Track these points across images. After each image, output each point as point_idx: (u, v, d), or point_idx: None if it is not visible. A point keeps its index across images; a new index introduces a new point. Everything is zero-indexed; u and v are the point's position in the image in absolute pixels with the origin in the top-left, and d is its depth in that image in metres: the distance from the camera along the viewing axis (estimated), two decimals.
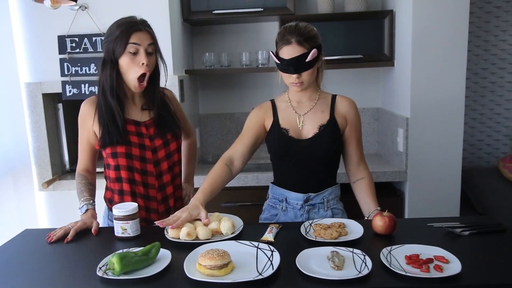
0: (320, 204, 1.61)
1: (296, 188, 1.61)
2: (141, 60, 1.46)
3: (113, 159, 1.52)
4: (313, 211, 1.61)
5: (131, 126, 1.54)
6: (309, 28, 1.52)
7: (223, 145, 2.96)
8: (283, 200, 1.64)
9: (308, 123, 1.60)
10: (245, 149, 1.64)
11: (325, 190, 1.61)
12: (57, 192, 2.46)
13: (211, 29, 2.83)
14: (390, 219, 1.34)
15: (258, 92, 2.90)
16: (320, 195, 1.61)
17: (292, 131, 1.59)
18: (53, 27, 2.29)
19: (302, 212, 1.61)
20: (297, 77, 1.53)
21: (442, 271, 1.08)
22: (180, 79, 2.36)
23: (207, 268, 1.10)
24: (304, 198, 1.60)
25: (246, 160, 1.65)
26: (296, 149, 1.58)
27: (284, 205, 1.63)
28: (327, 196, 1.61)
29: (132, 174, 1.54)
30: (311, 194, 1.60)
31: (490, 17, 3.05)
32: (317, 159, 1.58)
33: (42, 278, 1.18)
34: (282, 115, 1.63)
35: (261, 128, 1.65)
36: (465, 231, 1.35)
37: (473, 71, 3.10)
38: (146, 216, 1.58)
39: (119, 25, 1.48)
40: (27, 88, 2.35)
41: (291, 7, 2.49)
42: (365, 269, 1.10)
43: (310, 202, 1.60)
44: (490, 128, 3.20)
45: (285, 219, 1.63)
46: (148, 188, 1.57)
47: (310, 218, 1.59)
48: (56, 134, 2.49)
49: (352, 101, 1.67)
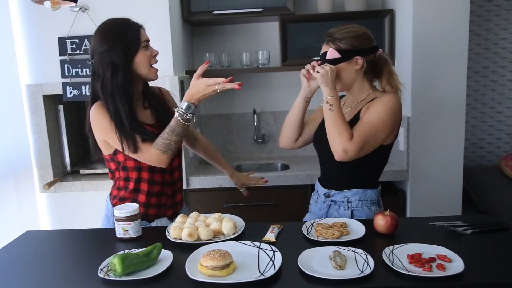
0: (341, 202, 1.60)
1: (323, 182, 1.68)
2: (153, 52, 1.53)
3: (135, 161, 1.52)
4: (334, 207, 1.62)
5: (148, 127, 1.55)
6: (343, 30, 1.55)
7: (224, 145, 2.96)
8: (317, 191, 1.72)
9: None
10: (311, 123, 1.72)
11: (348, 190, 1.58)
12: (58, 194, 2.46)
13: (211, 29, 2.83)
14: (392, 219, 1.34)
15: (258, 92, 2.90)
16: (341, 194, 1.60)
17: None
18: (53, 29, 2.30)
19: (324, 205, 1.64)
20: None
21: (444, 270, 1.08)
22: (181, 80, 2.36)
23: (209, 268, 1.10)
24: (325, 193, 1.64)
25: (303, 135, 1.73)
26: (324, 145, 1.60)
27: (316, 196, 1.71)
28: (350, 197, 1.58)
29: (153, 175, 1.56)
30: (332, 190, 1.62)
31: (491, 15, 3.04)
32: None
33: (44, 279, 1.18)
34: None
35: (321, 114, 1.66)
36: (468, 230, 1.34)
37: (474, 70, 3.10)
38: (157, 212, 1.60)
39: (119, 28, 1.48)
40: (28, 90, 2.35)
41: (291, 7, 2.49)
42: (368, 268, 1.10)
43: (331, 198, 1.62)
44: (491, 126, 3.19)
45: (314, 209, 1.71)
46: (164, 185, 1.60)
47: (330, 213, 1.62)
48: (57, 135, 2.49)
49: (385, 97, 1.52)
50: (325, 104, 1.48)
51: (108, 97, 1.47)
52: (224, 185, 2.40)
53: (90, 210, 2.42)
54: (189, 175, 2.42)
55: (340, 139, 1.42)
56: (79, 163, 2.64)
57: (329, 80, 1.48)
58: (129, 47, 1.47)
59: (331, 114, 1.46)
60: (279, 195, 2.41)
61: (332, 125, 1.45)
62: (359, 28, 1.55)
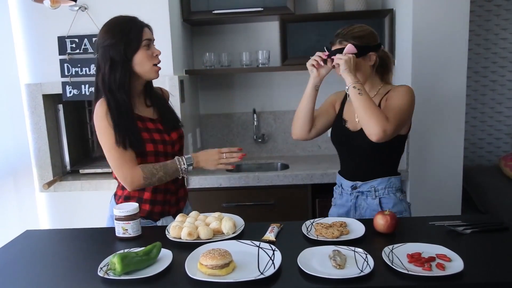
0: (368, 192, 1.67)
1: (347, 176, 1.73)
2: (155, 51, 1.54)
3: (142, 158, 1.52)
4: (361, 198, 1.69)
5: (150, 124, 1.57)
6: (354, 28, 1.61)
7: (224, 145, 2.96)
8: (340, 185, 1.77)
9: None
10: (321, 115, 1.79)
11: (374, 180, 1.66)
12: (58, 193, 2.46)
13: (211, 29, 2.83)
14: (391, 218, 1.34)
15: (258, 91, 2.90)
16: (368, 184, 1.66)
17: (349, 123, 1.70)
18: (53, 28, 2.29)
19: (351, 197, 1.70)
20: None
21: (444, 270, 1.08)
22: (180, 79, 2.36)
23: (209, 267, 1.10)
24: (352, 185, 1.69)
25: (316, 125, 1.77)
26: (348, 140, 1.69)
27: (340, 190, 1.76)
28: (376, 186, 1.66)
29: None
30: (359, 182, 1.68)
31: (491, 15, 3.04)
32: (363, 151, 1.65)
33: (43, 278, 1.18)
34: (347, 106, 1.74)
35: (332, 107, 1.81)
36: (467, 230, 1.34)
37: (474, 70, 3.10)
38: (162, 209, 1.61)
39: (124, 25, 1.50)
40: (27, 89, 2.35)
41: (291, 7, 2.49)
42: (367, 267, 1.10)
43: (358, 190, 1.68)
44: (491, 126, 3.20)
45: (340, 202, 1.76)
46: (169, 182, 1.60)
47: (358, 204, 1.69)
48: (56, 135, 2.49)
49: (402, 87, 1.62)
50: (352, 90, 1.51)
51: (106, 92, 1.49)
52: (223, 184, 2.40)
53: (89, 210, 2.42)
54: (189, 175, 2.42)
55: (378, 120, 1.46)
56: (78, 163, 2.64)
57: (352, 67, 1.54)
58: (129, 44, 1.48)
59: (362, 97, 1.49)
60: (279, 194, 2.41)
61: (366, 107, 1.48)
62: (367, 27, 1.63)
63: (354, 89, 1.51)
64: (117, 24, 1.51)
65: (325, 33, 2.55)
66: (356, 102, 1.51)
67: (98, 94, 1.54)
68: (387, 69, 1.69)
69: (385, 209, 1.61)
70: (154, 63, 1.53)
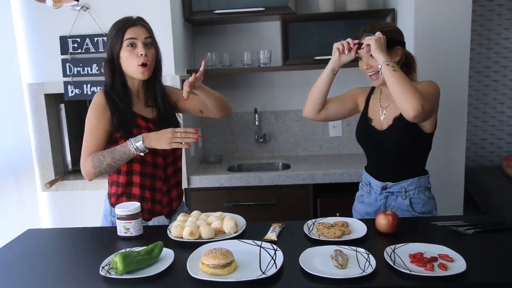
0: (398, 193, 1.66)
1: (376, 175, 1.71)
2: (139, 51, 1.52)
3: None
4: (391, 198, 1.67)
5: (141, 121, 1.58)
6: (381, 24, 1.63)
7: (226, 145, 2.96)
8: (368, 184, 1.74)
9: (388, 115, 1.65)
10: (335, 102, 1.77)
11: (405, 181, 1.64)
12: (59, 193, 2.46)
13: (213, 29, 2.83)
14: (393, 218, 1.34)
15: (260, 91, 2.90)
16: (398, 185, 1.65)
17: (375, 122, 1.69)
18: (55, 28, 2.29)
19: (381, 197, 1.69)
20: (366, 65, 1.60)
21: (446, 270, 1.08)
22: (182, 79, 2.36)
23: (210, 267, 1.10)
24: (382, 186, 1.68)
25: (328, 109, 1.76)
26: (374, 139, 1.68)
27: (368, 188, 1.74)
28: (406, 186, 1.64)
29: (144, 168, 1.57)
30: (389, 183, 1.66)
31: (493, 15, 3.04)
32: (391, 151, 1.64)
33: (45, 277, 1.18)
34: (372, 104, 1.73)
35: (352, 99, 1.78)
36: (469, 230, 1.34)
37: (476, 70, 3.09)
38: (152, 207, 1.61)
39: (116, 24, 1.56)
40: (29, 89, 2.36)
41: (293, 6, 2.49)
42: (369, 267, 1.10)
43: (388, 190, 1.67)
44: (493, 126, 3.19)
45: (368, 201, 1.74)
46: (156, 179, 1.60)
47: (388, 204, 1.68)
48: (58, 134, 2.49)
49: (429, 81, 1.62)
50: (386, 67, 1.48)
51: (108, 88, 1.57)
52: (225, 184, 2.40)
53: (91, 209, 2.42)
54: (190, 174, 2.42)
55: (415, 95, 1.42)
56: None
57: (382, 45, 1.52)
58: (114, 43, 1.53)
59: (397, 74, 1.47)
60: (280, 194, 2.41)
61: (402, 83, 1.45)
62: (393, 24, 1.64)
63: (388, 67, 1.47)
64: (116, 21, 1.57)
65: (327, 33, 2.55)
66: (391, 79, 1.47)
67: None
68: (411, 68, 1.67)
69: (415, 209, 1.63)
70: (139, 63, 1.53)
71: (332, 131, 2.89)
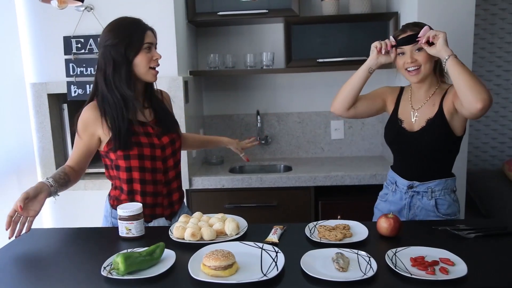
0: (424, 193, 1.66)
1: (403, 174, 1.71)
2: (155, 56, 1.54)
3: (125, 161, 1.53)
4: (416, 197, 1.68)
5: (139, 127, 1.56)
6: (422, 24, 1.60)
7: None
8: (394, 182, 1.74)
9: (420, 116, 1.65)
10: (365, 100, 1.76)
11: (431, 181, 1.64)
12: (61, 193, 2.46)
13: (216, 30, 2.84)
14: (395, 221, 1.34)
15: (262, 93, 2.90)
16: (425, 185, 1.65)
17: (406, 123, 1.68)
18: (58, 28, 2.31)
19: (406, 196, 1.69)
20: (411, 59, 1.58)
21: (448, 274, 1.08)
22: (185, 80, 2.37)
23: (212, 268, 1.10)
24: (409, 184, 1.68)
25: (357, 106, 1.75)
26: (404, 140, 1.68)
27: (394, 187, 1.74)
28: (432, 187, 1.65)
29: (144, 174, 1.56)
30: (416, 182, 1.67)
31: (496, 19, 3.04)
32: (421, 153, 1.64)
33: (47, 277, 1.18)
34: (402, 105, 1.73)
35: (381, 99, 1.78)
36: (471, 234, 1.34)
37: (478, 74, 3.09)
38: (152, 212, 1.60)
39: (127, 27, 1.51)
40: (33, 89, 2.36)
41: (296, 9, 2.49)
42: (370, 271, 1.10)
43: (414, 189, 1.67)
44: (495, 130, 3.18)
45: (393, 199, 1.74)
46: (157, 184, 1.59)
47: (413, 203, 1.68)
48: (60, 134, 2.50)
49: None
50: (454, 59, 1.46)
51: (110, 90, 1.51)
52: (226, 185, 2.40)
53: (93, 209, 2.42)
54: (192, 176, 2.43)
55: (483, 88, 1.42)
56: None
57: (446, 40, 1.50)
58: (131, 47, 1.49)
59: (465, 67, 1.46)
60: (282, 196, 2.41)
61: (471, 75, 1.44)
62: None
63: (455, 59, 1.47)
64: (120, 25, 1.52)
65: (330, 35, 2.55)
66: (460, 71, 1.45)
67: (96, 91, 1.56)
68: (442, 71, 1.66)
69: (440, 210, 1.64)
70: (151, 66, 1.54)
71: (334, 133, 2.89)
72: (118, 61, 1.49)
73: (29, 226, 1.39)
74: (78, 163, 1.57)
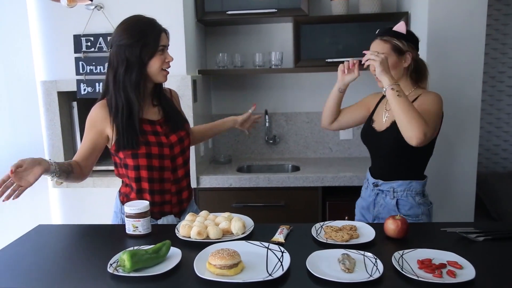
0: (388, 192, 1.69)
1: (371, 172, 1.79)
2: (168, 58, 1.56)
3: (133, 160, 1.54)
4: (381, 196, 1.72)
5: (147, 126, 1.57)
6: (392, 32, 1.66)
7: (235, 145, 2.97)
8: (367, 180, 1.81)
9: (389, 117, 1.69)
10: (347, 112, 1.89)
11: (394, 181, 1.67)
12: (70, 189, 2.49)
13: (225, 29, 2.84)
14: (402, 223, 1.32)
15: (270, 93, 2.90)
16: (388, 184, 1.69)
17: (376, 123, 1.74)
18: (69, 27, 2.33)
19: (372, 193, 1.74)
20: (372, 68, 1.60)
21: (455, 277, 1.06)
22: (193, 79, 2.38)
23: (217, 267, 1.10)
24: (374, 182, 1.74)
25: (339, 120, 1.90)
26: (371, 140, 1.76)
27: (367, 184, 1.81)
28: (395, 187, 1.67)
29: (152, 173, 1.57)
30: (380, 181, 1.71)
31: (508, 19, 2.99)
32: (385, 152, 1.69)
33: (54, 273, 1.20)
34: (379, 107, 1.79)
35: (366, 107, 1.86)
36: (480, 237, 1.32)
37: (490, 75, 3.05)
38: (160, 209, 1.61)
39: (143, 27, 1.49)
40: (43, 86, 2.39)
41: (305, 8, 2.48)
42: (376, 272, 1.09)
43: (379, 188, 1.72)
44: (506, 133, 3.14)
45: (364, 196, 1.81)
46: (164, 182, 1.60)
47: (377, 201, 1.73)
48: (70, 131, 2.53)
49: (433, 93, 1.63)
50: (390, 91, 1.49)
51: (117, 90, 1.51)
52: (234, 185, 2.40)
53: (101, 206, 2.45)
54: (199, 174, 2.43)
55: (418, 123, 1.44)
56: None
57: (387, 67, 1.53)
58: (146, 48, 1.48)
59: (401, 100, 1.47)
60: (289, 196, 2.41)
61: (405, 110, 1.46)
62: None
63: (392, 91, 1.48)
64: (136, 25, 1.50)
65: (339, 35, 2.54)
66: (395, 105, 1.48)
67: (106, 89, 1.55)
68: (421, 75, 1.70)
69: (401, 211, 1.64)
70: (163, 68, 1.54)
71: (342, 134, 2.88)
72: (132, 61, 1.48)
73: (17, 195, 1.37)
74: (83, 158, 1.56)
